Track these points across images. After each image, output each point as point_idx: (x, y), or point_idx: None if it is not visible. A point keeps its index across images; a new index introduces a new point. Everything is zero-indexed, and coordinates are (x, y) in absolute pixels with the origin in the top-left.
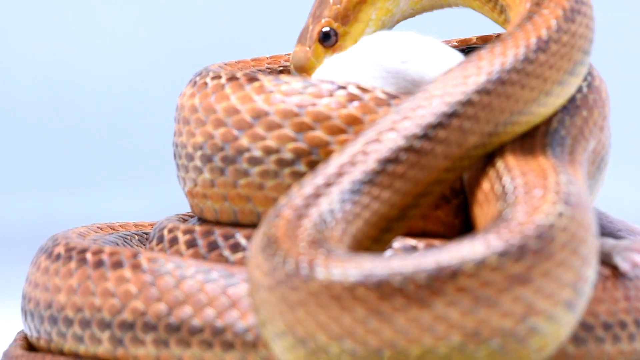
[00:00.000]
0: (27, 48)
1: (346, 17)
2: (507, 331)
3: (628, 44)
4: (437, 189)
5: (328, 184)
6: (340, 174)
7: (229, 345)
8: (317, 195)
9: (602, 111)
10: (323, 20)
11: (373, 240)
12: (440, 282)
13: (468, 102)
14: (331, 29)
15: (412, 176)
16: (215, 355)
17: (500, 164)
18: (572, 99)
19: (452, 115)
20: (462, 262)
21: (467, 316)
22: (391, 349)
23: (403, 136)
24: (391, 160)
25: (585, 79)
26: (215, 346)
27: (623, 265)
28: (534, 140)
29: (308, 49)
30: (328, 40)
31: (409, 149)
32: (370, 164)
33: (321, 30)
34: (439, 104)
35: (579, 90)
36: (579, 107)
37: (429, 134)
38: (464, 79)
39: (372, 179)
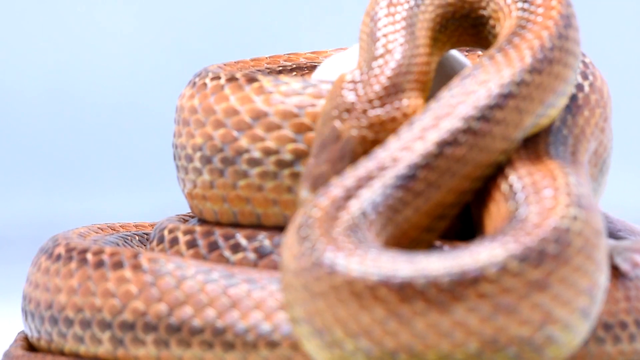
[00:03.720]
0: (27, 48)
1: None
2: (525, 340)
3: (628, 43)
4: (490, 172)
5: (382, 168)
6: (395, 160)
7: (229, 346)
8: (369, 177)
9: (603, 112)
10: None
11: (423, 230)
12: (462, 287)
13: (522, 82)
14: None
15: (470, 159)
16: (216, 355)
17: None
18: (574, 98)
19: (508, 95)
20: (484, 267)
21: (486, 323)
22: (407, 352)
23: (460, 118)
24: (449, 142)
25: (587, 78)
26: (216, 346)
27: (623, 265)
28: (536, 138)
29: None
30: None
31: (467, 130)
32: (429, 146)
33: None
34: (492, 86)
35: (581, 89)
36: (581, 106)
37: (486, 115)
38: (511, 62)
39: (430, 163)
